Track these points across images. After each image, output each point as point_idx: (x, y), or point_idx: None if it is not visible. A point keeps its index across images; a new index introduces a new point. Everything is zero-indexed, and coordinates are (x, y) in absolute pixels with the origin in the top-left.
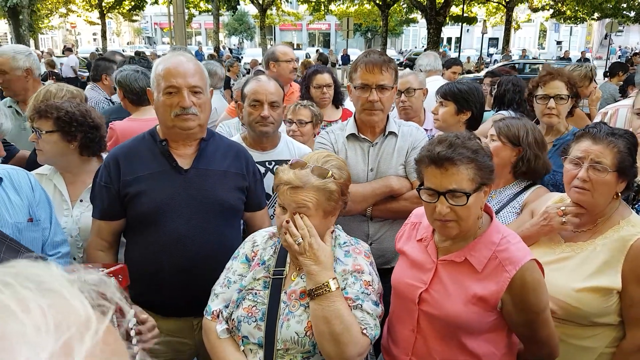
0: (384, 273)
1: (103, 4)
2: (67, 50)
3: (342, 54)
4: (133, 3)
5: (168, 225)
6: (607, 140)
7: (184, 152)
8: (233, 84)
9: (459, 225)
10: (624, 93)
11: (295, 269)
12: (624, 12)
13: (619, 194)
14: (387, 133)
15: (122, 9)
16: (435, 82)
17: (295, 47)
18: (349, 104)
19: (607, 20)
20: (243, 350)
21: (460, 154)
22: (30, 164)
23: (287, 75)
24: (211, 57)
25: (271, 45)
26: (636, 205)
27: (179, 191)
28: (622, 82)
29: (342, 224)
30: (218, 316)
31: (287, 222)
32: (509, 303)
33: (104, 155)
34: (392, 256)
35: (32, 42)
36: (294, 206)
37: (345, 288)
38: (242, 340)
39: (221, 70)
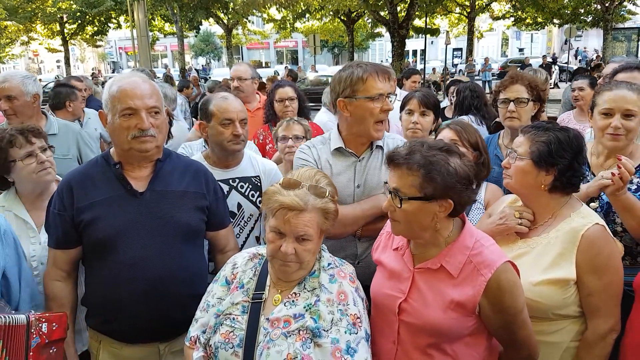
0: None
1: (65, 31)
2: None
3: (310, 70)
4: (96, 28)
5: (126, 251)
6: (526, 132)
7: (139, 174)
8: None
9: (399, 224)
10: None
11: (277, 291)
12: (582, 17)
13: (551, 189)
14: (374, 147)
15: (84, 35)
16: None
17: (263, 65)
18: (320, 117)
19: (566, 26)
20: None
21: (406, 159)
22: None
23: (250, 94)
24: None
25: None
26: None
27: (135, 215)
28: None
29: (329, 244)
30: (196, 342)
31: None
32: (487, 306)
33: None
34: None
35: None
36: (297, 232)
37: (331, 330)
38: None
39: (171, 91)
